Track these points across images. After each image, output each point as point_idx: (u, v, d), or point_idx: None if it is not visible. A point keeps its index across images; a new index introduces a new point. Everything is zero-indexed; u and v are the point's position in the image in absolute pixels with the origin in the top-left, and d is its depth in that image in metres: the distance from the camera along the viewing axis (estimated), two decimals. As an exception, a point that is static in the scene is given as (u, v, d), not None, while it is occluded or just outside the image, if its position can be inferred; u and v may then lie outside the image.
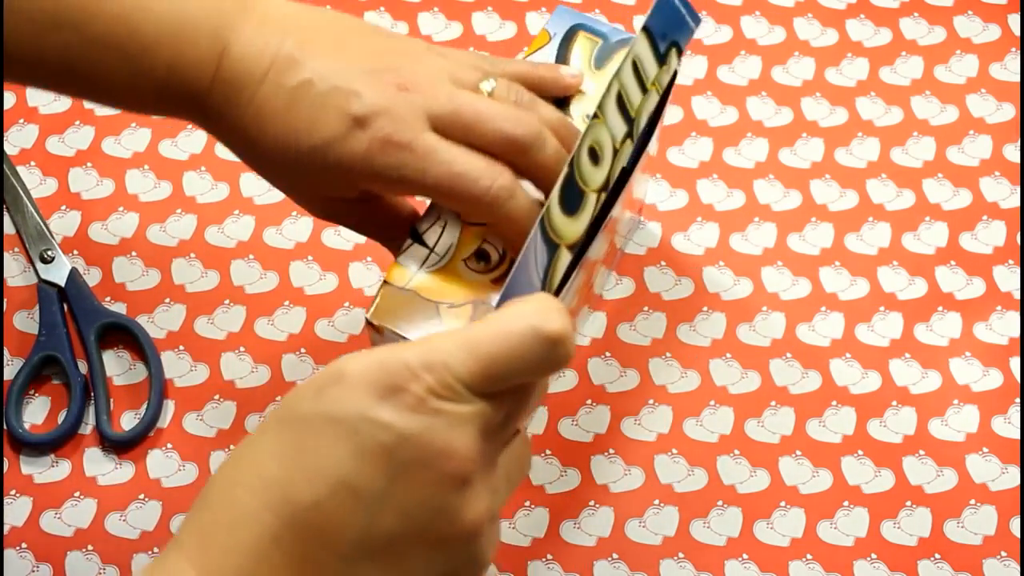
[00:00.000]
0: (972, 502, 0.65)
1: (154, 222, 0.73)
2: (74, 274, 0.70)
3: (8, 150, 0.75)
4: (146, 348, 0.68)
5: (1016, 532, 0.64)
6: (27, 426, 0.67)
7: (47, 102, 0.77)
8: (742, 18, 0.79)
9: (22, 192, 0.72)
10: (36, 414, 0.68)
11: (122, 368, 0.69)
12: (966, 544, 0.64)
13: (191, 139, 0.75)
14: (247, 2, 0.53)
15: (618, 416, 0.67)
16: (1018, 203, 0.73)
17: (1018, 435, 0.66)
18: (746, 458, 0.66)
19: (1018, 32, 0.78)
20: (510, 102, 0.54)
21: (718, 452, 0.66)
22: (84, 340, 0.69)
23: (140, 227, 0.73)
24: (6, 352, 0.69)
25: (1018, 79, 0.77)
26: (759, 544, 0.64)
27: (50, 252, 0.71)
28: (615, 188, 0.56)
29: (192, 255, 0.72)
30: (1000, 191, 0.73)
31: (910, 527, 0.64)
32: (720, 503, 0.65)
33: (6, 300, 0.70)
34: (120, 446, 0.67)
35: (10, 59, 0.52)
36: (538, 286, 0.49)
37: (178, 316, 0.70)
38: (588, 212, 0.52)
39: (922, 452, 0.66)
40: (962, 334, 0.69)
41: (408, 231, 0.54)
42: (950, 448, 0.66)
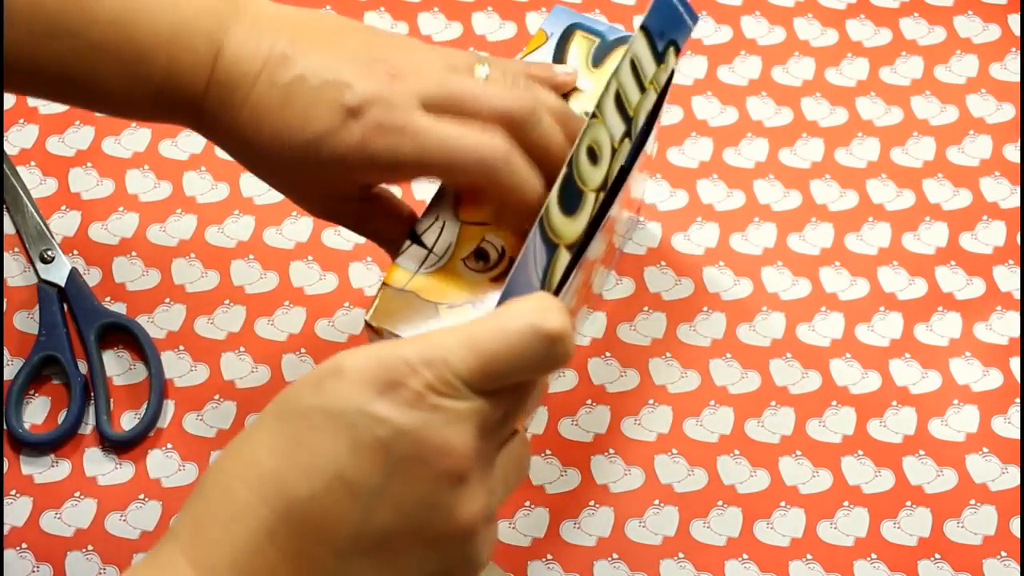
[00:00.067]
0: (972, 502, 0.65)
1: (154, 222, 0.73)
2: (74, 274, 0.70)
3: (8, 150, 0.75)
4: (146, 348, 0.68)
5: (1016, 532, 0.64)
6: (27, 426, 0.67)
7: (47, 102, 0.76)
8: (742, 18, 0.79)
9: (22, 192, 0.73)
10: (36, 414, 0.68)
11: (122, 368, 0.69)
12: (966, 544, 0.64)
13: (191, 139, 0.75)
14: (239, 4, 0.53)
15: (618, 416, 0.67)
16: (1018, 203, 0.73)
17: (1018, 435, 0.66)
18: (746, 458, 0.66)
19: (1018, 32, 0.78)
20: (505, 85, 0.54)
21: (718, 452, 0.66)
22: (84, 340, 0.69)
23: (140, 227, 0.73)
24: (6, 352, 0.69)
25: (1018, 79, 0.77)
26: (759, 544, 0.64)
27: (50, 252, 0.71)
28: (613, 187, 0.56)
29: (192, 255, 0.72)
30: (1000, 191, 0.73)
31: (910, 527, 0.64)
32: (720, 503, 0.65)
33: (6, 300, 0.70)
34: (120, 446, 0.67)
35: (8, 69, 0.52)
36: (537, 286, 0.49)
37: (178, 316, 0.70)
38: (587, 212, 0.52)
39: (922, 452, 0.66)
40: (962, 334, 0.69)
41: (407, 233, 0.54)
42: (950, 448, 0.66)
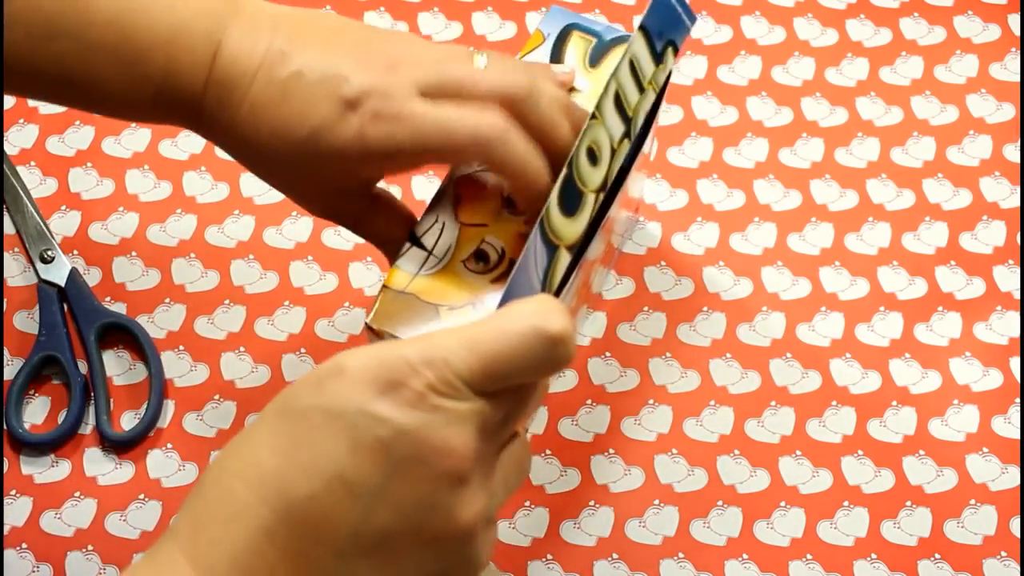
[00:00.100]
0: (972, 502, 0.65)
1: (154, 222, 0.73)
2: (74, 274, 0.70)
3: (8, 150, 0.75)
4: (146, 348, 0.68)
5: (1016, 532, 0.64)
6: (27, 426, 0.67)
7: (47, 102, 0.76)
8: (742, 18, 0.79)
9: (22, 192, 0.72)
10: (36, 414, 0.68)
11: (122, 368, 0.69)
12: (966, 544, 0.64)
13: (191, 139, 0.75)
14: (238, 4, 0.53)
15: (618, 416, 0.67)
16: (1018, 203, 0.73)
17: (1018, 435, 0.66)
18: (746, 458, 0.66)
19: (1018, 32, 0.78)
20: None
21: (718, 452, 0.66)
22: (84, 340, 0.69)
23: (140, 227, 0.73)
24: (6, 352, 0.69)
25: (1018, 79, 0.77)
26: (759, 544, 0.64)
27: (50, 252, 0.71)
28: (612, 188, 0.56)
29: (192, 255, 0.72)
30: (1000, 191, 0.73)
31: (910, 527, 0.64)
32: (720, 503, 0.65)
33: (6, 300, 0.70)
34: (120, 446, 0.67)
35: (8, 71, 0.52)
36: (538, 288, 0.49)
37: (178, 316, 0.70)
38: (587, 213, 0.52)
39: (922, 452, 0.66)
40: (962, 334, 0.69)
41: (407, 235, 0.54)
42: (950, 448, 0.66)
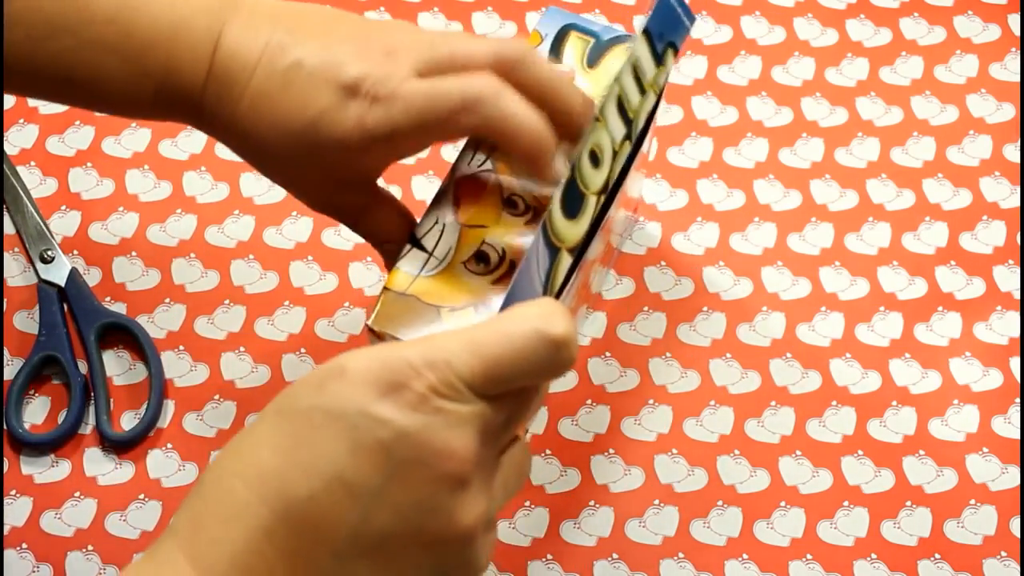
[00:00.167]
0: (972, 502, 0.65)
1: (154, 222, 0.73)
2: (74, 274, 0.70)
3: (8, 150, 0.75)
4: (146, 348, 0.68)
5: (1016, 532, 0.64)
6: (27, 426, 0.67)
7: (47, 102, 0.76)
8: (742, 18, 0.79)
9: (22, 192, 0.72)
10: (36, 414, 0.68)
11: (122, 368, 0.69)
12: (966, 544, 0.64)
13: (191, 139, 0.75)
14: (237, 0, 0.53)
15: (618, 416, 0.67)
16: (1018, 203, 0.73)
17: (1018, 435, 0.66)
18: (746, 458, 0.66)
19: (1018, 32, 0.78)
20: None
21: (718, 452, 0.66)
22: (84, 340, 0.68)
23: (140, 227, 0.73)
24: (6, 352, 0.69)
25: (1018, 79, 0.77)
26: (759, 544, 0.64)
27: (50, 252, 0.71)
28: (612, 188, 0.56)
29: (192, 255, 0.72)
30: (1000, 191, 0.73)
31: (910, 527, 0.64)
32: (720, 503, 0.65)
33: (6, 300, 0.70)
34: (120, 446, 0.67)
35: (9, 70, 0.52)
36: (540, 290, 0.49)
37: (178, 316, 0.70)
38: (588, 215, 0.52)
39: (922, 452, 0.66)
40: (962, 334, 0.69)
41: (407, 235, 0.54)
42: (950, 448, 0.66)
